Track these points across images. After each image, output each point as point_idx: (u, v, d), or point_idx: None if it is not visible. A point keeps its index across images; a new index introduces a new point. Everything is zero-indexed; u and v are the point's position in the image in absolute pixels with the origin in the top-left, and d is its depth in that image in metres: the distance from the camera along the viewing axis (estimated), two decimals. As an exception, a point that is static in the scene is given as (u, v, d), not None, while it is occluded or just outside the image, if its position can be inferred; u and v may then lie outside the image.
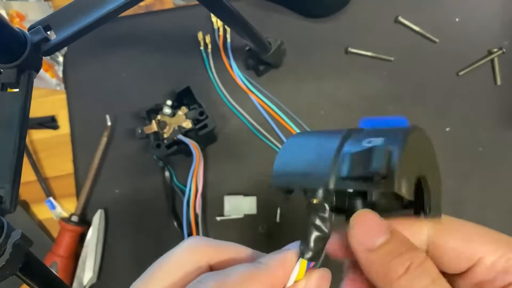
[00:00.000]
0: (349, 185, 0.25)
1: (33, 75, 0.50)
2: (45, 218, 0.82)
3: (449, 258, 0.27)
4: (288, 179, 0.28)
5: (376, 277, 0.25)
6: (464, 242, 0.26)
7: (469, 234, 0.27)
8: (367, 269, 0.26)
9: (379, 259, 0.25)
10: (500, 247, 0.26)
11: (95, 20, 0.51)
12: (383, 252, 0.25)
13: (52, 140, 0.84)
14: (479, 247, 0.26)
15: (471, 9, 0.82)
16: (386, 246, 0.25)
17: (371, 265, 0.25)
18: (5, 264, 0.39)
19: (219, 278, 0.26)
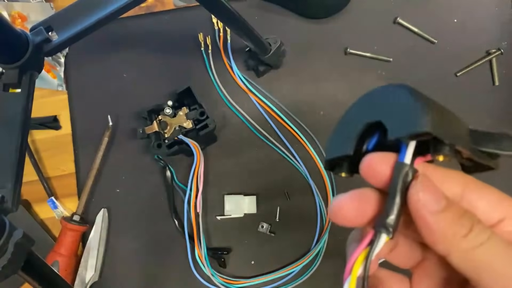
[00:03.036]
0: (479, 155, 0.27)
1: (35, 76, 0.50)
2: (47, 218, 0.82)
3: (481, 214, 0.28)
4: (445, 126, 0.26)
5: (442, 239, 0.26)
6: (496, 200, 0.28)
7: (498, 194, 0.28)
8: (433, 233, 0.26)
9: (447, 220, 0.26)
10: None
11: (96, 21, 0.52)
12: (448, 214, 0.26)
13: (54, 140, 0.84)
14: (506, 205, 0.28)
15: (469, 10, 0.83)
16: (450, 209, 0.26)
17: (438, 227, 0.26)
18: (7, 263, 0.39)
19: None
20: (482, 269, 0.25)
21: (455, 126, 0.27)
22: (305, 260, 0.76)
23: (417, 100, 0.26)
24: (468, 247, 0.25)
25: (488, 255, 0.25)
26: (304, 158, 0.79)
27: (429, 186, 0.26)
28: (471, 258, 0.25)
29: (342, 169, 0.31)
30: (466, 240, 0.26)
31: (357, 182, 0.30)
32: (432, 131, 0.25)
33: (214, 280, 0.74)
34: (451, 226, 0.26)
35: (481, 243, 0.25)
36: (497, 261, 0.25)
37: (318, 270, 0.76)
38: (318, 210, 0.78)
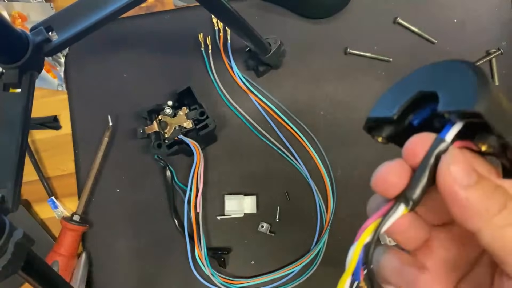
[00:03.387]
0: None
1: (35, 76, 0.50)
2: (47, 218, 0.83)
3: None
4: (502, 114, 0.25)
5: (472, 216, 0.25)
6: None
7: None
8: (463, 208, 0.25)
9: (479, 196, 0.25)
10: None
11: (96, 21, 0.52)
12: (480, 189, 0.25)
13: (54, 140, 0.84)
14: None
15: (469, 10, 0.83)
16: (481, 184, 0.25)
17: (469, 203, 0.25)
18: (7, 263, 0.39)
19: None
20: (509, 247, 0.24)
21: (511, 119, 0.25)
22: (305, 260, 0.76)
23: (479, 79, 0.25)
24: (501, 224, 0.24)
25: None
26: (304, 158, 0.79)
27: (461, 160, 0.25)
28: (503, 235, 0.25)
29: (381, 132, 0.31)
30: (499, 216, 0.25)
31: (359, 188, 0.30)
32: (484, 114, 0.23)
33: (214, 280, 0.74)
34: (483, 201, 0.25)
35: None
36: None
37: (318, 270, 0.76)
38: (318, 210, 0.78)
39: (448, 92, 0.26)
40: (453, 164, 0.25)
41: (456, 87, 0.25)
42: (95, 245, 0.80)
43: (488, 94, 0.24)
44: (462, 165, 0.25)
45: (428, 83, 0.28)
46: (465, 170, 0.25)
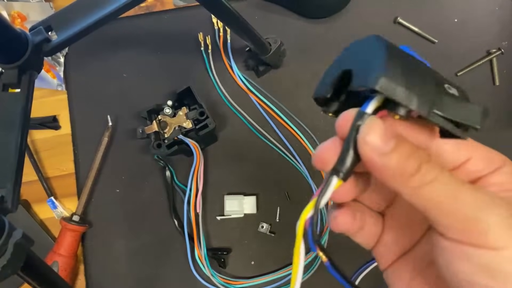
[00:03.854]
0: (440, 121, 0.27)
1: (34, 76, 0.50)
2: (47, 218, 0.82)
3: (447, 156, 0.30)
4: (396, 89, 0.26)
5: (390, 178, 0.27)
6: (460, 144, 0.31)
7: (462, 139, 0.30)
8: (380, 172, 0.28)
9: (394, 161, 0.27)
10: (484, 148, 0.31)
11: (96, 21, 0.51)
12: (396, 155, 0.27)
13: (53, 140, 0.84)
14: (470, 147, 0.31)
15: (470, 9, 0.83)
16: (398, 149, 0.27)
17: (386, 168, 0.27)
18: (6, 263, 0.39)
19: None
20: (430, 206, 0.27)
21: (420, 87, 0.27)
22: (305, 260, 0.76)
23: (382, 54, 0.27)
24: (415, 185, 0.26)
25: (436, 193, 0.26)
26: (304, 158, 0.79)
27: (377, 129, 0.27)
28: (420, 196, 0.27)
29: (329, 108, 0.32)
30: (413, 178, 0.26)
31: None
32: (381, 90, 0.26)
33: (214, 281, 0.74)
34: (399, 166, 0.27)
35: (430, 181, 0.26)
36: (444, 199, 0.26)
37: (318, 270, 0.76)
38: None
39: (360, 68, 0.28)
40: (368, 134, 0.27)
41: (365, 63, 0.27)
42: (94, 245, 0.80)
43: (388, 68, 0.26)
44: (378, 133, 0.27)
45: (349, 60, 0.30)
46: (381, 138, 0.27)
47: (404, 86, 0.26)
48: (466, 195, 0.26)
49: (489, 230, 0.25)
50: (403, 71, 0.26)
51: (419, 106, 0.26)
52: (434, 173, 0.26)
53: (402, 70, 0.26)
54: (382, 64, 0.26)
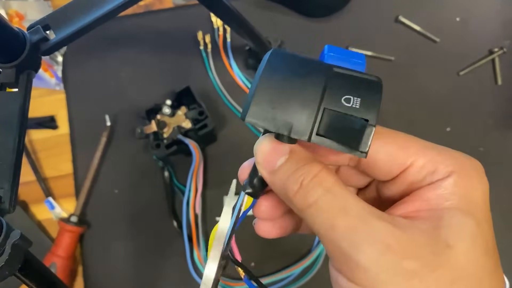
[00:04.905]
0: (325, 143, 0.26)
1: (32, 75, 0.49)
2: (44, 219, 0.82)
3: (383, 163, 0.28)
4: (266, 118, 0.26)
5: (281, 196, 0.27)
6: (398, 148, 0.28)
7: (403, 141, 0.28)
8: (274, 189, 0.28)
9: (278, 179, 0.27)
10: (429, 152, 0.28)
11: (94, 20, 0.51)
12: (280, 172, 0.27)
13: (51, 140, 0.84)
14: (411, 153, 0.28)
15: (472, 8, 0.82)
16: (283, 166, 0.27)
17: (274, 186, 0.27)
18: (4, 264, 0.39)
19: None
20: (315, 230, 0.26)
21: (295, 113, 0.26)
22: (305, 262, 0.75)
23: (255, 84, 0.27)
24: (298, 207, 0.26)
25: (316, 218, 0.25)
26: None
27: (263, 147, 0.27)
28: (305, 217, 0.26)
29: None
30: (296, 199, 0.26)
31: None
32: (249, 123, 0.27)
33: (214, 282, 0.74)
34: (281, 185, 0.27)
35: (310, 204, 0.25)
36: (322, 226, 0.25)
37: (319, 272, 0.75)
38: (318, 211, 0.78)
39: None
40: (257, 153, 0.28)
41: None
42: (93, 246, 0.79)
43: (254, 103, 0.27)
44: (263, 151, 0.28)
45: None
46: (266, 155, 0.27)
47: (272, 116, 0.26)
48: (343, 226, 0.24)
49: (360, 269, 0.24)
50: (277, 96, 0.26)
51: (295, 132, 0.26)
52: (315, 195, 0.25)
53: (276, 95, 0.26)
54: (251, 97, 0.27)
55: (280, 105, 0.26)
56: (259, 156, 0.28)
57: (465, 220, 0.25)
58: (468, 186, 0.27)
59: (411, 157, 0.28)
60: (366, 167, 0.29)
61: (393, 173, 0.28)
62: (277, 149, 0.27)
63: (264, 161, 0.27)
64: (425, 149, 0.28)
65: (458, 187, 0.26)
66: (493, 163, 0.75)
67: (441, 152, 0.28)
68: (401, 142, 0.28)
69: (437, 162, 0.27)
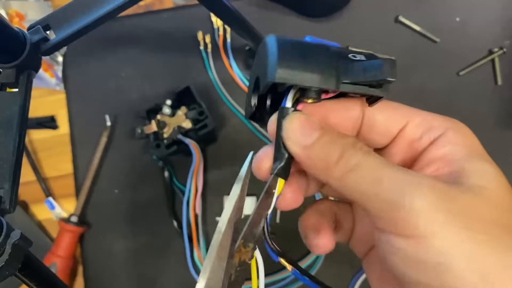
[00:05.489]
0: (350, 89, 0.28)
1: (32, 75, 0.49)
2: (45, 219, 0.82)
3: (381, 126, 0.30)
4: (295, 75, 0.27)
5: (316, 170, 0.28)
6: (393, 110, 0.31)
7: (396, 106, 0.31)
8: (307, 166, 0.28)
9: (316, 153, 0.27)
10: (421, 113, 0.31)
11: (94, 20, 0.51)
12: (318, 145, 0.27)
13: (52, 140, 0.84)
14: (405, 114, 0.31)
15: (472, 8, 0.82)
16: (319, 140, 0.27)
17: (310, 160, 0.28)
18: (4, 265, 0.39)
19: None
20: (357, 195, 0.26)
21: (319, 66, 0.28)
22: (306, 262, 0.75)
23: (274, 50, 0.28)
24: (340, 174, 0.26)
25: (359, 179, 0.26)
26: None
27: (295, 122, 0.28)
28: (346, 185, 0.26)
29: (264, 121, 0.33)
30: (337, 167, 0.26)
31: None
32: (279, 81, 0.27)
33: (214, 282, 0.74)
34: (321, 156, 0.27)
35: (352, 167, 0.26)
36: (367, 186, 0.25)
37: (319, 272, 0.75)
38: (318, 211, 0.78)
39: (262, 72, 0.29)
40: (288, 129, 0.28)
41: (264, 64, 0.28)
42: (93, 246, 0.79)
43: (280, 61, 0.27)
44: (296, 127, 0.28)
45: (257, 67, 0.31)
46: (300, 131, 0.28)
47: (301, 70, 0.27)
48: (390, 178, 0.25)
49: (413, 216, 0.24)
50: (297, 58, 0.28)
51: (322, 82, 0.27)
52: (356, 158, 0.26)
53: (295, 58, 0.28)
54: (275, 59, 0.27)
55: (303, 63, 0.28)
56: (292, 133, 0.28)
57: (483, 164, 0.27)
58: (467, 138, 0.29)
59: (406, 117, 0.30)
60: (366, 133, 0.31)
61: (391, 133, 0.30)
62: (309, 124, 0.28)
63: (298, 136, 0.28)
64: (417, 110, 0.31)
65: (460, 139, 0.29)
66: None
67: (431, 113, 0.31)
68: (395, 106, 0.31)
69: (430, 120, 0.30)
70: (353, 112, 0.30)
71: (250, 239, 0.30)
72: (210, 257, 0.28)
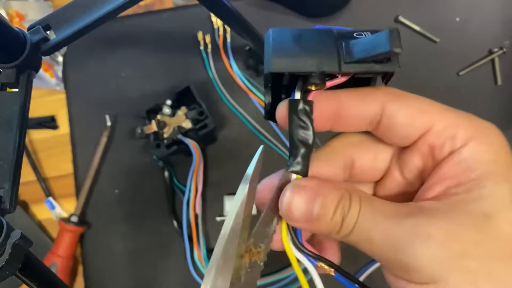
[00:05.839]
0: (356, 69, 0.27)
1: (32, 75, 0.49)
2: (45, 218, 0.82)
3: (402, 127, 0.28)
4: (291, 62, 0.27)
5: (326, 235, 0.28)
6: (417, 111, 0.28)
7: (421, 104, 0.28)
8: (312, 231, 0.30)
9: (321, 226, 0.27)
10: (448, 115, 0.28)
11: (94, 20, 0.51)
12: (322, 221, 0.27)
13: (52, 140, 0.84)
14: (430, 117, 0.28)
15: (471, 8, 0.82)
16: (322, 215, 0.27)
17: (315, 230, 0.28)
18: (4, 264, 0.39)
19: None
20: (364, 248, 0.26)
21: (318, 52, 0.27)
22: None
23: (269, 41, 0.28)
24: (343, 236, 0.27)
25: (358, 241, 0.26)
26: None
27: (300, 200, 0.27)
28: (351, 241, 0.27)
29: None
30: (341, 232, 0.27)
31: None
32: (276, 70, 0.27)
33: (214, 282, 0.74)
34: (326, 227, 0.27)
35: (352, 229, 0.26)
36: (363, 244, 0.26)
37: (319, 271, 0.75)
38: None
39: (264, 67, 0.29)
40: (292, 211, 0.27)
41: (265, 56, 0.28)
42: (93, 246, 0.79)
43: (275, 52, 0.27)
44: (301, 206, 0.27)
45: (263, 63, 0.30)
46: (303, 213, 0.27)
47: (297, 57, 0.27)
48: (379, 235, 0.25)
49: (410, 266, 0.24)
50: (293, 46, 0.27)
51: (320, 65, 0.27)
52: (353, 219, 0.26)
53: (291, 46, 0.27)
54: (270, 50, 0.27)
55: (300, 50, 0.27)
56: (295, 213, 0.27)
57: (497, 187, 0.25)
58: (490, 150, 0.26)
59: (430, 121, 0.28)
60: (383, 132, 0.29)
61: (412, 137, 0.28)
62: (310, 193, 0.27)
63: (302, 216, 0.27)
64: (444, 112, 0.28)
65: (481, 153, 0.26)
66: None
67: (459, 116, 0.28)
68: (420, 105, 0.28)
69: (456, 126, 0.27)
70: (371, 107, 0.29)
71: (262, 239, 0.30)
72: (216, 256, 0.27)
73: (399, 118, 0.28)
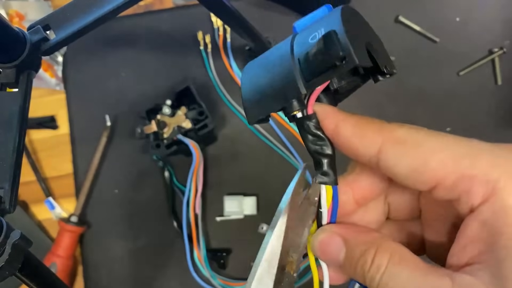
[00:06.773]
0: (318, 82, 0.26)
1: (32, 75, 0.49)
2: (45, 219, 0.82)
3: (405, 179, 0.26)
4: (262, 109, 0.28)
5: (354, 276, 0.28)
6: (421, 164, 0.25)
7: (425, 152, 0.25)
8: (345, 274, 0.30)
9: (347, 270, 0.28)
10: (458, 164, 0.25)
11: (94, 20, 0.51)
12: (347, 266, 0.28)
13: (52, 140, 0.84)
14: (436, 168, 0.25)
15: (472, 8, 0.82)
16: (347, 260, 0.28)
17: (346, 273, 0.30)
18: (4, 265, 0.39)
19: None
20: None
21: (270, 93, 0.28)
22: (306, 261, 0.75)
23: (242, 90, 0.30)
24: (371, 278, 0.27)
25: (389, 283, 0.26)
26: (305, 158, 0.79)
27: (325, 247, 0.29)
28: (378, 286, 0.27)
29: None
30: (369, 274, 0.27)
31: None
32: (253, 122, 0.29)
33: (213, 282, 0.74)
34: (352, 276, 0.28)
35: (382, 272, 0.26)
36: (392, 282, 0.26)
37: (319, 271, 0.75)
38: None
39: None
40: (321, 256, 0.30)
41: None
42: (93, 246, 0.80)
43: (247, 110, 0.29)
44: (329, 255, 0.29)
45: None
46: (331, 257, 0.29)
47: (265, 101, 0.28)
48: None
49: None
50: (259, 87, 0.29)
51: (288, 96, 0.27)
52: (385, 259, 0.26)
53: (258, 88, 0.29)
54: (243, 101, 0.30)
55: (266, 91, 0.28)
56: (324, 258, 0.30)
57: None
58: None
59: (436, 174, 0.25)
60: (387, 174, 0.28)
61: (420, 188, 0.26)
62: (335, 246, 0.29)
63: (331, 262, 0.29)
64: (453, 159, 0.25)
65: (505, 214, 0.23)
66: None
67: (473, 162, 0.24)
68: (423, 153, 0.25)
69: (469, 180, 0.24)
70: (366, 149, 0.27)
71: (294, 249, 0.30)
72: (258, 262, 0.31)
73: (400, 169, 0.26)
